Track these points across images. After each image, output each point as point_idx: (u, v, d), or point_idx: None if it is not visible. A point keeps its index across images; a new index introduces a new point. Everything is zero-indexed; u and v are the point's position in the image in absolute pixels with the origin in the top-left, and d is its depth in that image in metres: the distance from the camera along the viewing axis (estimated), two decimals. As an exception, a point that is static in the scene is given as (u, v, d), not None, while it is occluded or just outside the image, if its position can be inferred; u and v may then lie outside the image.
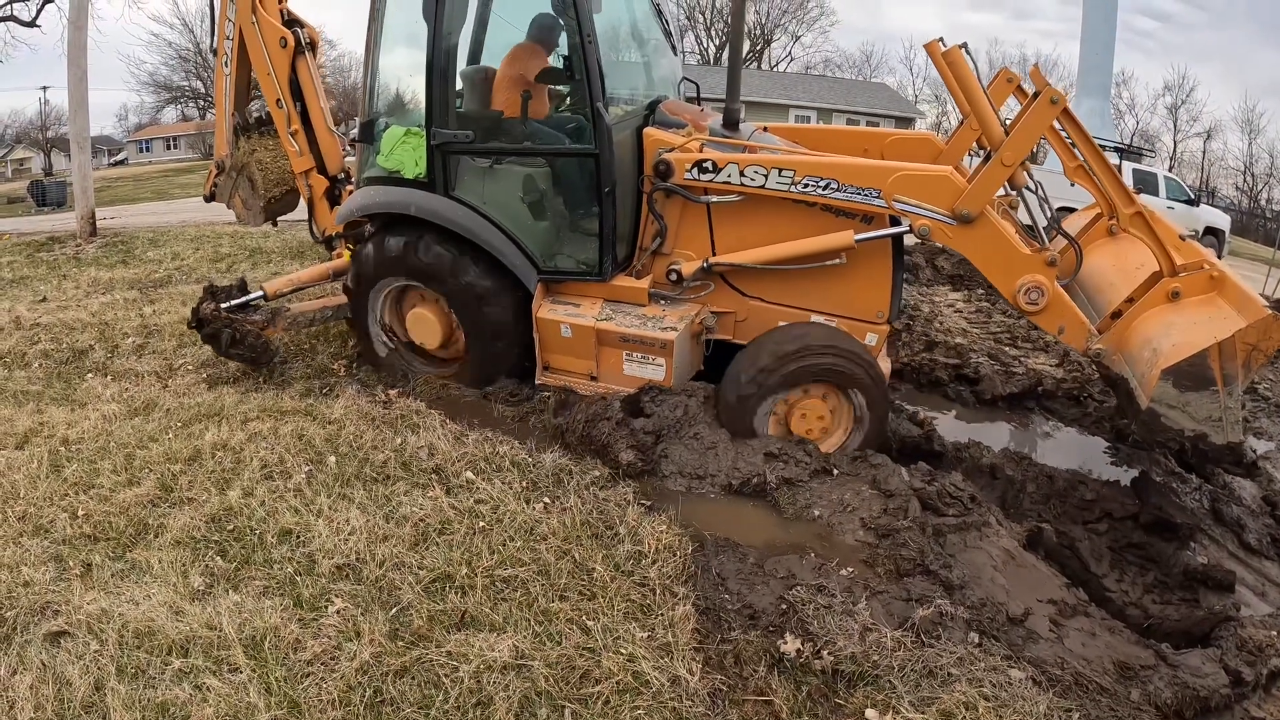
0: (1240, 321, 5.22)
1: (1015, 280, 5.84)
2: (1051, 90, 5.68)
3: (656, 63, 7.97)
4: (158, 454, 5.78)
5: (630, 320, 6.41)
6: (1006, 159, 5.69)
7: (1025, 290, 5.80)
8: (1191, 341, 5.29)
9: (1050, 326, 5.98)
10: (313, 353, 7.72)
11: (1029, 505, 6.18)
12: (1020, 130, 5.72)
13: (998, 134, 5.82)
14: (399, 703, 3.68)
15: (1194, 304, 5.70)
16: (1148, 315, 5.81)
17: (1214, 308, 5.58)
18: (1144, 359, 5.54)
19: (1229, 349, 5.18)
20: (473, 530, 4.89)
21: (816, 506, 5.38)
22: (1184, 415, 5.33)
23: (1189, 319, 5.56)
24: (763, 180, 6.09)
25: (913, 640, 4.18)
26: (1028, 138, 5.74)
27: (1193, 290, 5.75)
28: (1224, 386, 5.23)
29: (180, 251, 13.09)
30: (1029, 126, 5.72)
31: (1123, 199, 6.18)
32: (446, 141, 6.43)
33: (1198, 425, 5.33)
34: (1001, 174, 5.76)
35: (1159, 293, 5.80)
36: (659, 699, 3.75)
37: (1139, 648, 4.62)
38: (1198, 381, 5.26)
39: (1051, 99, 5.64)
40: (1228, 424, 5.32)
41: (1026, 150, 5.76)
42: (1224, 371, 5.21)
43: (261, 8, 8.19)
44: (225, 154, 9.19)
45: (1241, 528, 6.19)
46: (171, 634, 4.01)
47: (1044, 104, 5.66)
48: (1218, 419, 5.30)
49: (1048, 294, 5.80)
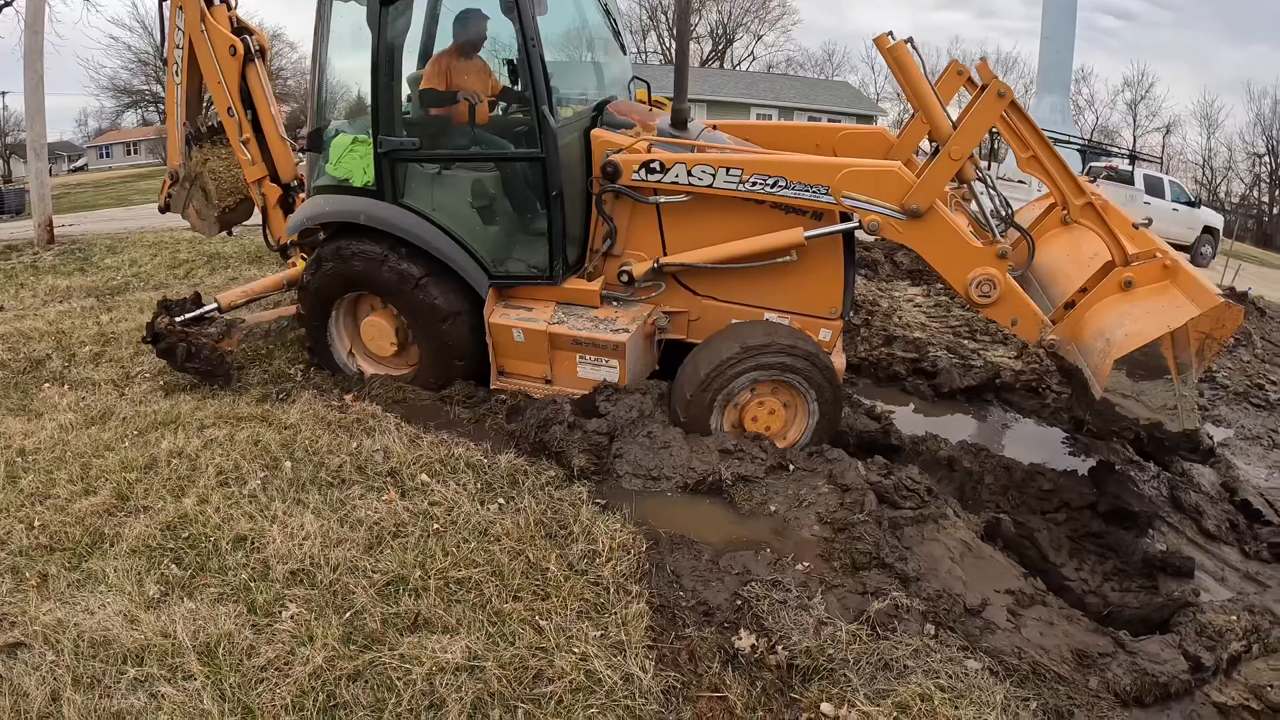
0: (1193, 310, 5.24)
1: (967, 273, 5.90)
2: (999, 83, 5.75)
3: (605, 63, 7.99)
4: (114, 463, 5.75)
5: (582, 323, 6.43)
6: (954, 153, 5.75)
7: (977, 283, 5.86)
8: (1144, 331, 5.32)
9: (1003, 319, 6.04)
10: (269, 358, 7.68)
11: (987, 496, 6.23)
12: (968, 124, 5.78)
13: (945, 128, 5.87)
14: (352, 706, 3.70)
15: (1147, 293, 5.73)
16: (1101, 305, 5.85)
17: (1167, 296, 5.60)
18: (1097, 349, 5.58)
19: (1182, 338, 5.26)
20: (427, 533, 4.90)
21: (772, 502, 5.41)
22: (1139, 404, 5.39)
23: (1142, 308, 5.59)
24: (710, 179, 6.12)
25: (868, 633, 4.23)
26: (975, 131, 5.81)
27: (1146, 279, 5.78)
28: (1178, 375, 5.30)
29: (138, 258, 13.00)
30: (976, 120, 5.78)
31: (1072, 189, 6.23)
32: (393, 149, 6.42)
33: (1153, 414, 5.39)
34: (949, 168, 5.81)
35: (1112, 282, 5.85)
36: (612, 697, 3.78)
37: (1097, 635, 4.69)
38: (1152, 371, 5.32)
39: (999, 92, 5.70)
40: (1183, 412, 5.38)
41: (974, 143, 5.82)
42: (1178, 360, 5.28)
43: (210, 16, 8.14)
44: (178, 164, 9.13)
45: (1200, 514, 6.26)
46: (127, 643, 4.01)
47: (991, 97, 5.72)
48: (1173, 407, 5.36)
49: (1000, 286, 5.86)
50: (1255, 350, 10.74)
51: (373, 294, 6.92)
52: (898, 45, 6.00)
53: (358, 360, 7.27)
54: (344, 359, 7.24)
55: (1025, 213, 7.43)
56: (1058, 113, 43.03)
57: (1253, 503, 6.53)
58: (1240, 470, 7.27)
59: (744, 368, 6.00)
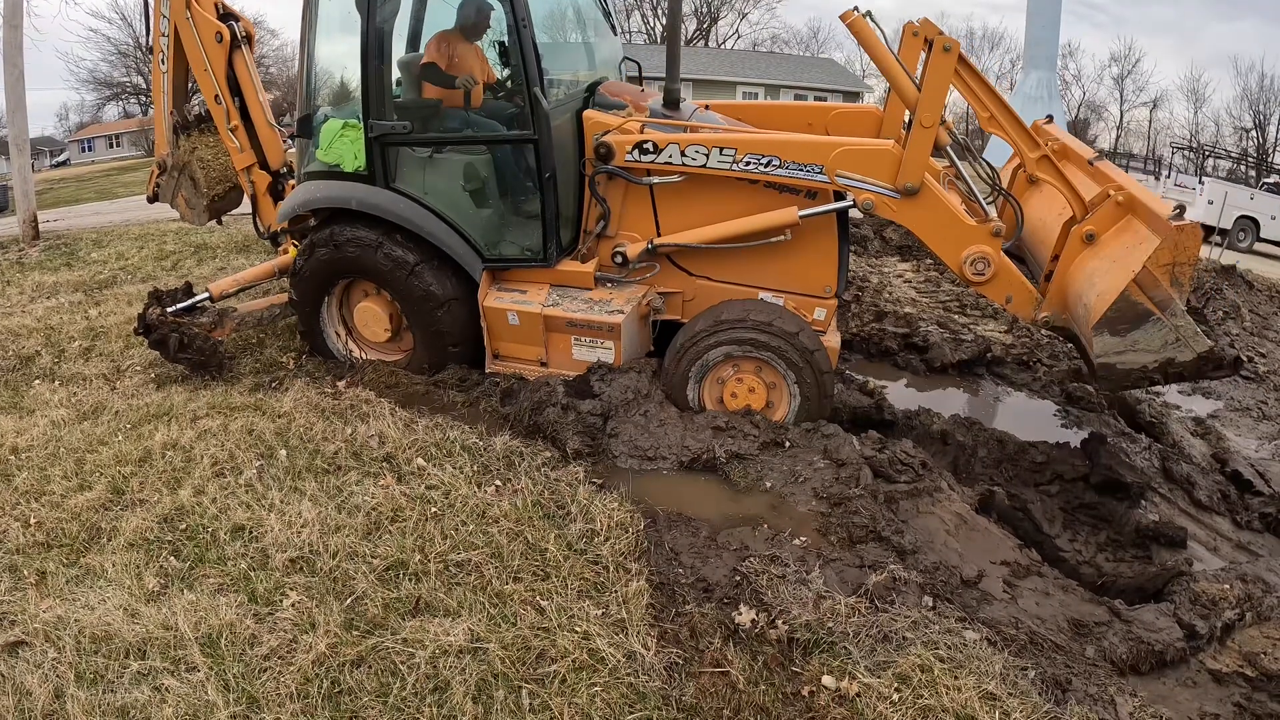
0: (1152, 243, 5.13)
1: (961, 252, 5.90)
2: (944, 38, 5.63)
3: (596, 44, 7.96)
4: (108, 457, 5.75)
5: (577, 305, 6.43)
6: (925, 120, 5.72)
7: (971, 261, 5.87)
8: (1111, 288, 5.22)
9: (998, 296, 6.04)
10: (261, 347, 7.67)
11: (980, 470, 6.25)
12: (926, 88, 5.72)
13: (912, 97, 5.83)
14: (357, 692, 3.71)
15: (1110, 238, 5.69)
16: (1072, 268, 5.81)
17: (1129, 235, 5.52)
18: (1080, 318, 5.53)
19: (1147, 279, 5.12)
20: (425, 516, 4.91)
21: (768, 478, 5.45)
22: (1139, 354, 5.24)
23: (1107, 260, 5.52)
24: (704, 159, 6.12)
25: (867, 606, 4.26)
26: (936, 92, 5.73)
27: (1105, 225, 5.73)
28: (1164, 311, 5.13)
29: (125, 251, 12.93)
30: (933, 81, 5.71)
31: (1028, 144, 6.12)
32: (384, 133, 6.40)
33: (1157, 355, 5.23)
34: (926, 136, 5.77)
35: (1075, 242, 5.81)
36: (615, 675, 3.80)
37: (1093, 605, 4.74)
38: (1135, 319, 5.17)
39: (944, 47, 5.60)
40: (1187, 338, 5.18)
41: (939, 105, 5.76)
42: (1155, 299, 5.14)
43: (196, 3, 8.08)
44: (166, 153, 9.07)
45: (1192, 485, 6.30)
46: (128, 637, 4.01)
47: (939, 54, 5.64)
48: (1175, 340, 5.18)
49: (994, 264, 5.86)
50: (1244, 323, 10.78)
51: (366, 280, 6.91)
52: (857, 19, 5.93)
53: (351, 346, 7.26)
54: (337, 345, 7.22)
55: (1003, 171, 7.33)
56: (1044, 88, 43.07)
57: (1243, 473, 6.58)
58: (1231, 441, 7.32)
59: (715, 341, 6.05)
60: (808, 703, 3.75)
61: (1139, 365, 5.27)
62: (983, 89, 6.02)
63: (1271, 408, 8.28)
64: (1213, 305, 11.31)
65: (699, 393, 6.24)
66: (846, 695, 3.73)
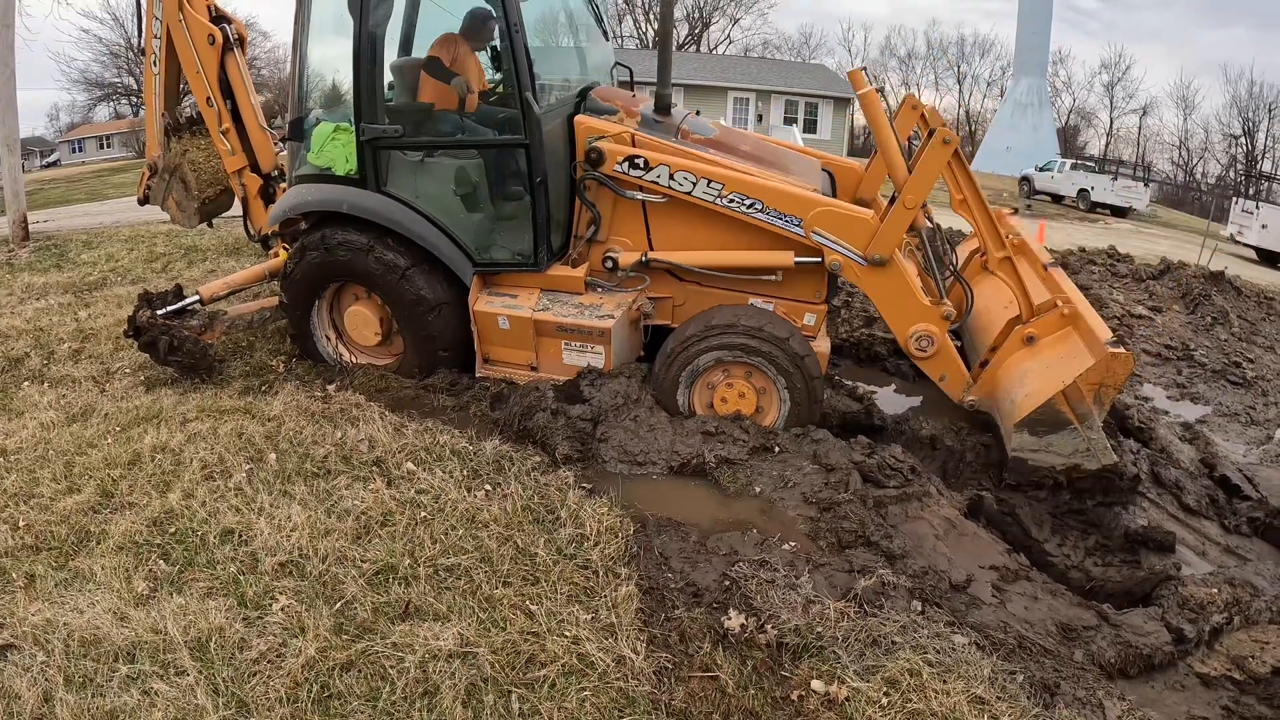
0: (1086, 362, 5.45)
1: (910, 326, 6.13)
2: (944, 131, 5.92)
3: (588, 49, 7.98)
4: (97, 460, 5.73)
5: (568, 309, 6.44)
6: (908, 202, 5.91)
7: (917, 338, 6.12)
8: (1039, 391, 5.57)
9: (934, 373, 6.29)
10: (250, 350, 7.64)
11: (969, 474, 6.25)
12: (918, 172, 5.93)
13: (902, 176, 6.02)
14: (346, 696, 3.71)
15: (1049, 344, 5.99)
16: (1007, 364, 6.11)
17: (1067, 347, 5.83)
18: (1004, 411, 5.83)
19: (1075, 392, 5.43)
20: (414, 521, 4.91)
21: (758, 483, 5.47)
22: (1050, 454, 5.59)
23: (1042, 363, 5.84)
24: (690, 187, 6.21)
25: (856, 611, 4.28)
26: (926, 179, 5.95)
27: (1047, 331, 6.03)
28: (1081, 423, 5.49)
29: (115, 253, 12.90)
30: (926, 168, 5.93)
31: (995, 243, 6.37)
32: (376, 136, 6.39)
33: (1067, 460, 5.57)
34: (906, 216, 5.96)
35: (1015, 340, 6.10)
36: (605, 680, 3.81)
37: (1081, 609, 4.77)
38: (1054, 425, 5.52)
39: (944, 139, 5.87)
40: (1096, 451, 5.54)
41: (926, 191, 5.97)
42: (1077, 411, 5.47)
43: (188, 5, 8.08)
44: (157, 155, 9.07)
45: (1180, 489, 6.32)
46: (117, 640, 4.00)
47: (938, 144, 5.89)
48: (1085, 450, 5.54)
49: (937, 343, 6.12)
50: (1232, 329, 10.82)
51: (357, 284, 6.90)
52: (869, 92, 6.14)
53: (341, 350, 7.25)
54: (327, 349, 7.22)
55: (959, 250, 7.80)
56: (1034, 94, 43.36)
57: (1231, 478, 6.59)
58: (1219, 446, 7.33)
59: (706, 346, 6.09)
60: (797, 707, 3.76)
61: (1048, 465, 5.60)
62: (965, 178, 6.22)
63: (1259, 413, 8.32)
64: (1201, 311, 11.36)
65: (689, 398, 6.26)
66: (836, 700, 3.75)
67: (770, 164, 6.73)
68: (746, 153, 6.82)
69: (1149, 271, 13.37)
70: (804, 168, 7.09)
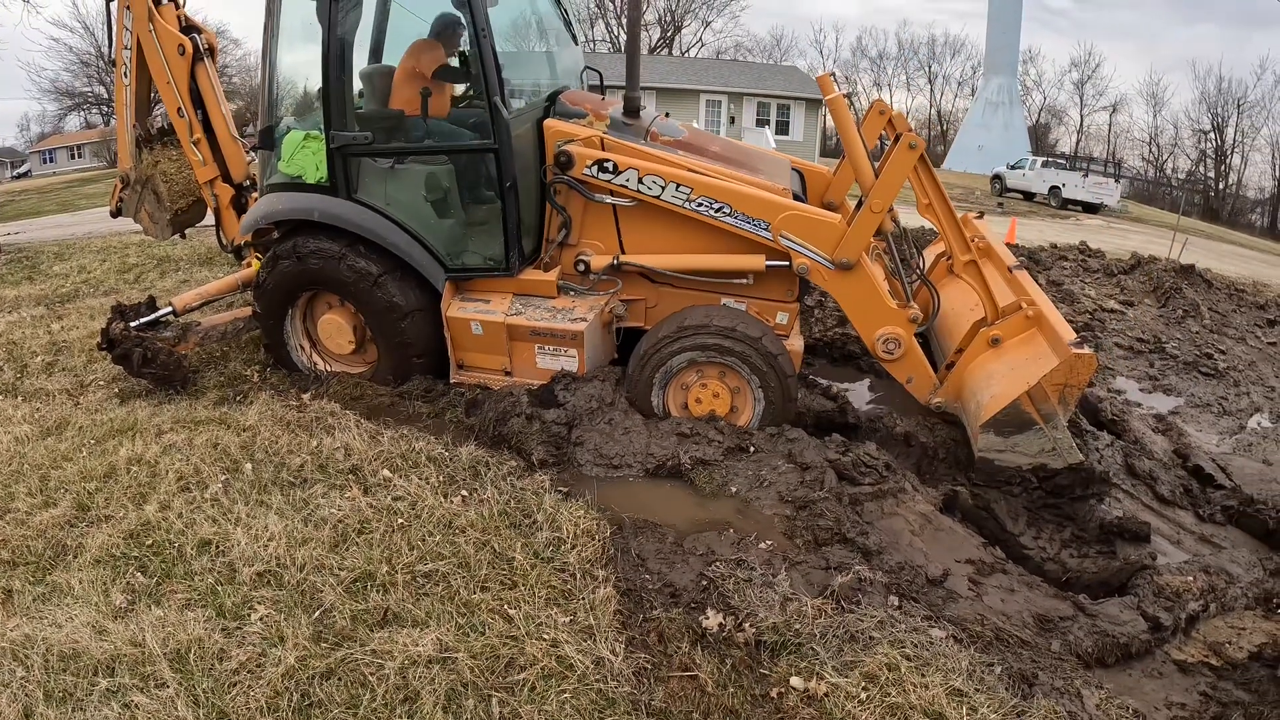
0: (1050, 363, 5.52)
1: (877, 329, 6.22)
2: (910, 136, 6.00)
3: (557, 53, 7.99)
4: (73, 473, 5.71)
5: (540, 313, 6.46)
6: (875, 206, 5.98)
7: (884, 340, 6.21)
8: (1004, 393, 5.66)
9: (900, 375, 6.39)
10: (225, 361, 7.62)
11: (944, 470, 6.29)
12: (884, 177, 6.01)
13: (868, 181, 6.10)
14: (327, 704, 3.70)
15: (1014, 346, 6.08)
16: (973, 365, 6.20)
17: (1031, 348, 5.92)
18: (971, 412, 5.94)
19: (1039, 393, 5.52)
20: (391, 528, 4.91)
21: (733, 483, 5.50)
22: (1017, 455, 5.71)
23: (1007, 365, 5.93)
24: (659, 191, 6.26)
25: (833, 607, 4.31)
26: (892, 184, 6.02)
27: (1012, 333, 6.11)
28: (1046, 423, 5.59)
29: (87, 264, 12.86)
30: (892, 173, 6.01)
31: (960, 246, 6.45)
32: (346, 144, 6.40)
33: (1033, 459, 5.69)
34: (872, 221, 6.04)
35: (980, 342, 6.19)
36: (584, 681, 3.82)
37: (1058, 600, 4.83)
38: (1019, 425, 5.63)
39: (910, 144, 5.95)
40: (1062, 450, 5.67)
41: (892, 197, 6.05)
42: (1041, 411, 5.56)
43: (159, 16, 8.05)
44: (129, 167, 9.03)
45: (1154, 480, 6.37)
46: (96, 654, 3.98)
47: (904, 150, 5.97)
48: (1051, 450, 5.67)
49: (904, 346, 6.21)
50: (1204, 321, 10.94)
51: (330, 292, 6.89)
52: (836, 97, 6.27)
53: (315, 359, 7.24)
54: (301, 358, 7.21)
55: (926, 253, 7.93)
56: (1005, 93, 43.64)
57: (1205, 468, 6.66)
58: (1192, 437, 7.42)
59: (679, 347, 6.12)
60: (776, 704, 3.78)
61: (1014, 465, 5.74)
62: (930, 182, 6.28)
63: (1231, 403, 8.41)
64: (1172, 304, 11.46)
65: (663, 399, 6.28)
66: (815, 696, 3.77)
67: (740, 164, 6.77)
68: (716, 154, 6.86)
69: (1120, 266, 13.47)
70: (773, 168, 7.11)
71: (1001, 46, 44.61)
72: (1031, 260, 13.58)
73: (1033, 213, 32.21)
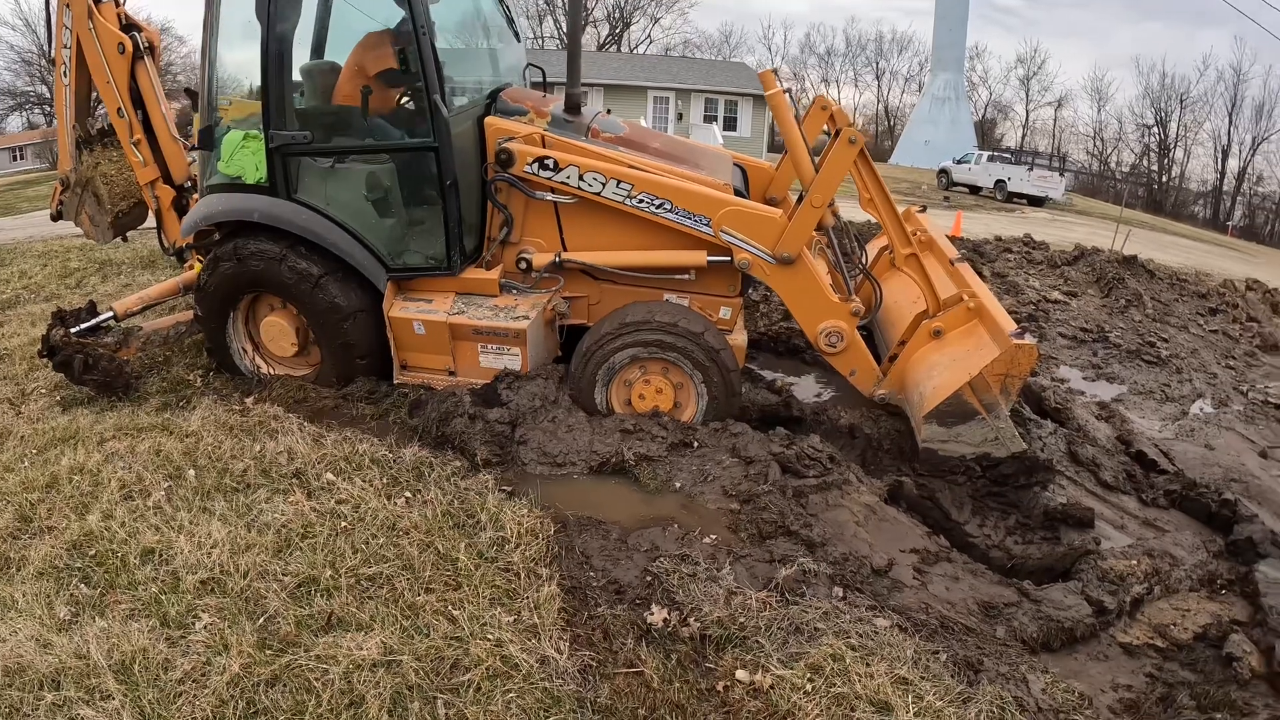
0: (992, 353, 5.64)
1: (819, 323, 6.31)
2: (850, 130, 6.10)
3: (500, 51, 7.95)
4: (14, 484, 5.63)
5: (482, 312, 6.45)
6: (815, 201, 6.06)
7: (827, 334, 6.29)
8: (946, 384, 5.78)
9: (844, 369, 6.50)
10: (167, 365, 7.52)
11: (889, 461, 6.35)
12: (824, 173, 6.08)
13: (809, 175, 6.16)
14: (272, 711, 3.69)
15: (956, 337, 6.20)
16: (915, 357, 6.31)
17: (973, 339, 6.04)
18: (914, 403, 6.04)
19: (981, 383, 5.63)
20: (335, 531, 4.90)
21: (677, 479, 5.54)
22: (959, 444, 5.84)
23: (949, 356, 6.05)
24: (600, 188, 6.27)
25: (778, 600, 4.37)
26: (832, 179, 6.10)
27: (954, 324, 6.23)
28: (988, 413, 5.71)
29: (28, 269, 12.65)
30: (832, 168, 6.09)
31: (901, 240, 6.53)
32: (285, 143, 6.33)
33: (976, 448, 5.83)
34: (813, 215, 6.11)
35: (923, 334, 6.30)
36: (529, 680, 3.84)
37: (1002, 587, 4.91)
38: (961, 415, 5.75)
39: (850, 139, 6.05)
40: (1005, 439, 5.81)
41: (832, 191, 6.13)
42: (983, 401, 5.68)
43: (98, 13, 7.93)
44: (69, 169, 8.90)
45: (1098, 466, 6.48)
46: (41, 668, 3.94)
47: (843, 145, 6.08)
48: (994, 439, 5.80)
49: (847, 339, 6.30)
50: (1146, 310, 11.12)
51: (271, 294, 6.84)
52: (777, 93, 6.35)
53: (258, 362, 7.18)
54: (244, 361, 7.15)
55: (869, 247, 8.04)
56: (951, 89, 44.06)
57: (1148, 453, 6.79)
58: (1135, 424, 7.54)
59: (622, 343, 6.18)
60: (722, 697, 3.82)
61: (958, 454, 5.88)
62: (871, 177, 6.37)
63: (1173, 390, 8.55)
64: (1115, 294, 11.61)
65: (607, 396, 6.31)
66: (760, 688, 3.81)
67: (681, 160, 6.79)
68: (657, 150, 6.89)
69: (1064, 258, 13.65)
70: (715, 163, 7.13)
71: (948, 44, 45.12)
72: (977, 253, 13.74)
73: (978, 206, 32.59)
